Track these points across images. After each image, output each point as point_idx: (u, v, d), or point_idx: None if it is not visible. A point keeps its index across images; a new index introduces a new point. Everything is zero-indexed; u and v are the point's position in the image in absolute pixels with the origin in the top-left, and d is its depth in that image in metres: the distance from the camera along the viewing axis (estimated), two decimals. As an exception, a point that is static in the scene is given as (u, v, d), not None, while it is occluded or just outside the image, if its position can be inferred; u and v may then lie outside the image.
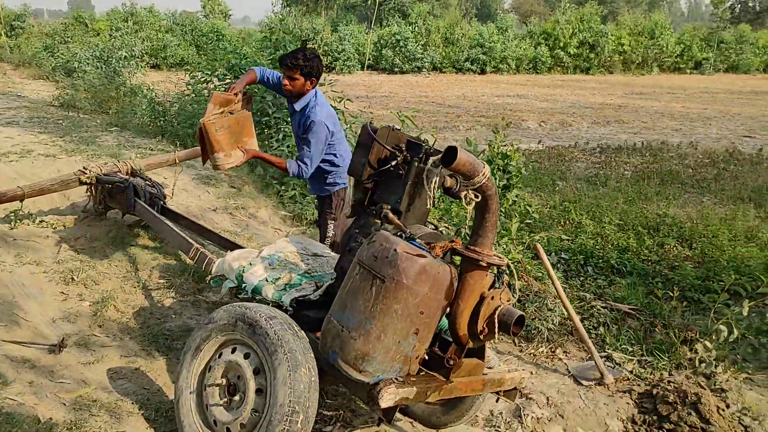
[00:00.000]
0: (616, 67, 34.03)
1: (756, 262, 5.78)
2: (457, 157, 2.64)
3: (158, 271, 4.58)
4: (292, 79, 4.07)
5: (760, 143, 13.04)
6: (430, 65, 30.44)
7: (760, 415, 3.87)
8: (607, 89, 25.57)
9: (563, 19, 33.27)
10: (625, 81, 30.19)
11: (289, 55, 4.09)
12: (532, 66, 32.01)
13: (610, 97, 22.51)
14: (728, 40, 37.49)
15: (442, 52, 31.02)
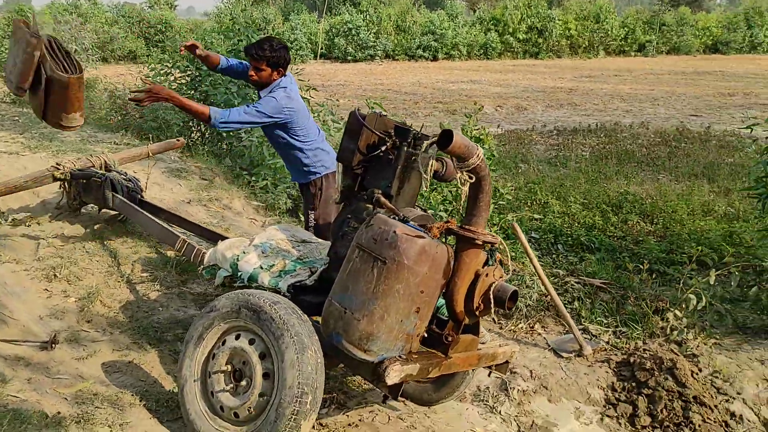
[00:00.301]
0: (564, 52, 34.67)
1: (715, 234, 6.07)
2: (453, 139, 2.74)
3: (140, 264, 4.56)
4: (259, 70, 4.09)
5: (706, 122, 13.55)
6: (383, 53, 30.48)
7: (730, 377, 4.10)
8: (557, 73, 26.06)
9: (511, 5, 33.70)
10: (574, 65, 30.79)
11: (255, 45, 4.10)
12: (483, 52, 32.37)
13: (560, 80, 22.97)
14: (669, 23, 38.55)
15: (394, 40, 31.09)
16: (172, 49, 9.32)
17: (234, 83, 7.62)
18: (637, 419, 3.93)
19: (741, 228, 6.18)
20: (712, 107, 16.47)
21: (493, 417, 3.90)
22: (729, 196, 7.51)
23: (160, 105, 7.99)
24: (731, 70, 28.36)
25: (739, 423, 3.87)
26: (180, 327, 4.03)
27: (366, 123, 3.34)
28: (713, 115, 14.98)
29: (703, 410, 3.87)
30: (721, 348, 4.39)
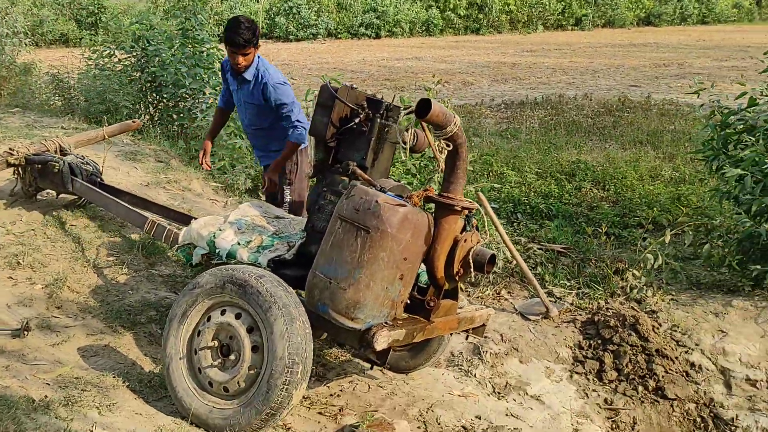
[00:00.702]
0: (504, 27, 34.95)
1: (664, 197, 6.33)
2: (432, 108, 2.79)
3: (105, 249, 4.47)
4: (246, 56, 4.10)
5: (645, 91, 13.97)
6: (325, 32, 30.10)
7: (688, 330, 4.33)
8: (499, 48, 26.33)
9: (451, -20, 33.72)
10: (515, 40, 31.14)
11: (236, 33, 4.05)
12: (425, 29, 32.34)
13: (503, 55, 23.23)
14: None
15: (336, 18, 30.73)
16: (115, 30, 9.05)
17: (183, 63, 7.46)
18: (604, 374, 4.11)
19: (687, 190, 6.46)
20: (650, 77, 16.97)
21: (468, 380, 4.02)
22: (673, 161, 7.82)
23: (106, 86, 7.79)
24: (664, 41, 29.17)
25: (698, 372, 4.10)
26: (152, 309, 4.00)
27: (338, 96, 3.36)
28: (651, 85, 15.44)
29: (665, 362, 4.08)
30: (677, 303, 4.61)
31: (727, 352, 4.17)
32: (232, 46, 4.06)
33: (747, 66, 18.95)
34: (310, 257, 3.30)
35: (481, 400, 3.82)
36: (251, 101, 4.26)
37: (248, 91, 4.22)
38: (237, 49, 4.04)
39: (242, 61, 4.09)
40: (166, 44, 7.56)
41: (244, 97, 4.29)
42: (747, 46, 26.11)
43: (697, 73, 17.72)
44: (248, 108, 4.32)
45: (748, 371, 4.05)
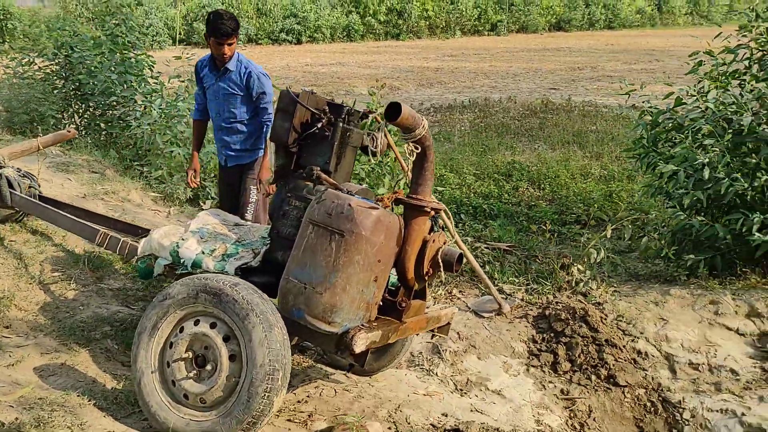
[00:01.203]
0: (424, 32, 35.52)
1: (597, 194, 6.62)
2: (402, 111, 2.84)
3: (49, 264, 4.29)
4: (231, 45, 4.16)
5: (565, 94, 14.53)
6: (245, 37, 29.72)
7: (632, 320, 4.55)
8: (420, 53, 26.73)
9: (370, -14, 33.99)
10: (434, 45, 31.70)
11: (219, 23, 4.09)
12: (346, 34, 32.46)
13: (425, 60, 23.59)
14: (517, 2, 40.46)
15: (256, 24, 30.41)
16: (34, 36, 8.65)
17: (113, 71, 7.23)
18: (558, 366, 4.27)
19: (618, 187, 6.78)
20: (567, 80, 17.65)
21: (431, 379, 4.08)
22: (601, 159, 8.18)
23: (29, 95, 7.45)
24: (575, 46, 30.39)
25: (645, 359, 4.32)
26: (106, 324, 3.87)
27: (300, 101, 3.36)
28: (569, 88, 16.07)
29: (614, 351, 4.28)
30: (620, 295, 4.84)
31: (670, 338, 4.41)
32: (218, 36, 4.09)
33: (655, 68, 20.05)
34: (276, 263, 3.30)
35: (446, 397, 3.89)
36: (232, 91, 4.27)
37: (229, 81, 4.23)
38: (224, 38, 4.10)
39: (227, 50, 4.16)
40: (94, 51, 7.31)
41: (224, 88, 4.27)
42: (652, 49, 27.62)
43: (609, 76, 18.60)
44: (227, 100, 4.29)
45: (689, 356, 4.30)
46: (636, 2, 46.82)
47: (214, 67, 4.34)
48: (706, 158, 4.62)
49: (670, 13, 48.49)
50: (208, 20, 4.17)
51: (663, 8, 48.32)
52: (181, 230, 3.50)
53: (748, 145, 4.75)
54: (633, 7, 46.27)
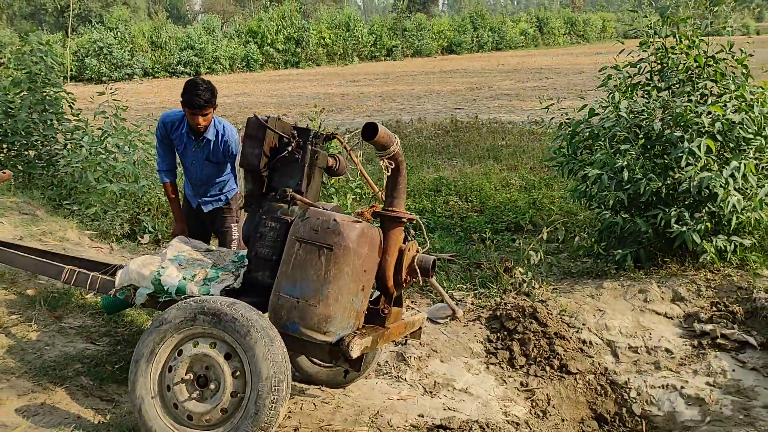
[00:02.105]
0: (322, 60, 36.07)
1: (521, 202, 7.09)
2: (378, 130, 3.07)
3: (4, 307, 4.18)
4: (206, 116, 4.09)
5: (470, 113, 15.25)
6: (141, 71, 29.14)
7: (573, 313, 4.95)
8: (323, 80, 27.13)
9: (266, 17, 34.20)
10: (334, 71, 32.23)
11: (193, 95, 4.00)
12: (245, 64, 32.46)
13: (328, 87, 23.98)
14: (410, 28, 41.94)
15: (152, 57, 29.89)
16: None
17: (32, 109, 7.05)
18: (515, 361, 4.59)
19: (539, 195, 7.28)
20: (468, 100, 18.48)
21: (400, 384, 4.28)
22: (517, 171, 8.72)
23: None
24: (469, 67, 31.78)
25: (590, 347, 4.71)
26: (76, 362, 3.83)
27: (269, 126, 3.52)
28: (472, 107, 16.85)
29: (563, 342, 4.64)
30: (559, 291, 5.24)
31: (609, 327, 4.84)
32: (191, 108, 4.00)
33: (546, 85, 21.32)
34: (257, 283, 3.43)
35: (419, 400, 4.10)
36: (212, 159, 4.25)
37: (209, 150, 4.21)
38: (197, 110, 4.01)
39: (202, 121, 4.08)
40: (11, 90, 7.09)
41: (202, 156, 4.24)
42: (540, 68, 29.28)
43: (506, 94, 19.62)
44: (206, 166, 4.27)
45: (628, 340, 4.73)
46: (519, 25, 49.52)
47: (191, 133, 4.25)
48: (624, 161, 5.12)
49: (551, 34, 51.57)
50: (184, 89, 4.07)
51: (544, 30, 51.32)
52: (157, 259, 3.55)
53: (658, 147, 5.31)
54: (517, 29, 48.91)
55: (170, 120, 4.32)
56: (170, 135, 4.34)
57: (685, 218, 4.95)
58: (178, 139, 4.32)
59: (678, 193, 5.07)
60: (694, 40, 5.56)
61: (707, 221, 4.96)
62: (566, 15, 53.14)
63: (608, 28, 56.18)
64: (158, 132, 4.37)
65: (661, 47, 5.71)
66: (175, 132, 4.31)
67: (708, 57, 5.48)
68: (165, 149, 4.39)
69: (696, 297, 4.98)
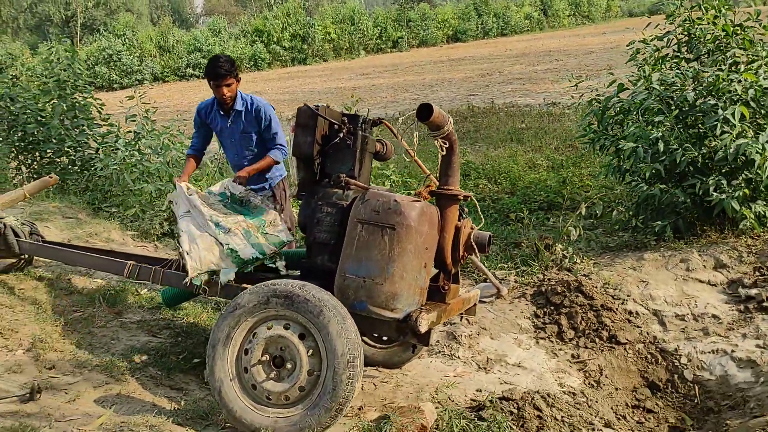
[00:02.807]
0: (329, 55, 36.08)
1: (552, 182, 7.14)
2: (433, 111, 3.15)
3: (67, 306, 4.30)
4: (229, 86, 4.24)
5: (485, 98, 15.26)
6: (151, 76, 29.32)
7: (617, 285, 5.01)
8: (332, 75, 27.16)
9: (271, 15, 34.27)
10: (342, 66, 32.23)
11: (215, 66, 4.21)
12: (253, 63, 32.56)
13: (339, 81, 24.02)
14: (415, 19, 41.78)
15: (161, 62, 30.06)
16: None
17: (65, 117, 7.19)
18: (563, 334, 4.66)
19: (568, 173, 7.33)
20: (481, 86, 18.47)
21: (454, 362, 4.37)
22: (542, 152, 8.76)
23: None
24: (477, 54, 31.66)
25: (637, 317, 4.78)
26: (142, 354, 3.95)
27: (321, 114, 3.60)
28: (486, 92, 16.85)
29: (610, 314, 4.70)
30: (600, 266, 5.30)
31: (653, 297, 4.89)
32: (215, 79, 4.19)
33: (557, 68, 21.24)
34: (317, 267, 3.51)
35: (475, 376, 4.19)
36: (249, 130, 4.36)
37: (242, 121, 4.33)
38: (220, 80, 4.18)
39: (227, 92, 4.23)
40: (42, 99, 7.22)
41: (238, 129, 4.36)
42: (548, 50, 29.13)
43: (519, 78, 19.59)
44: (243, 140, 4.39)
45: (674, 309, 4.79)
46: (523, 9, 49.22)
47: (223, 111, 4.41)
48: (659, 133, 5.16)
49: (556, 16, 51.22)
50: (206, 64, 4.30)
51: (548, 12, 51.00)
52: (208, 238, 3.59)
53: (691, 117, 5.34)
54: (521, 13, 48.61)
55: (203, 106, 4.53)
56: (206, 120, 4.53)
57: (723, 186, 4.99)
58: (213, 122, 4.50)
59: (714, 161, 5.11)
60: (720, 9, 5.59)
61: (745, 188, 5.00)
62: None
63: (613, 8, 55.76)
64: (195, 122, 4.59)
65: (687, 18, 5.73)
66: (209, 116, 4.50)
67: (735, 26, 5.50)
68: (199, 136, 4.58)
69: (738, 263, 5.02)
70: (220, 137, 4.55)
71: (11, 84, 7.65)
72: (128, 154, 6.87)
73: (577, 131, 9.03)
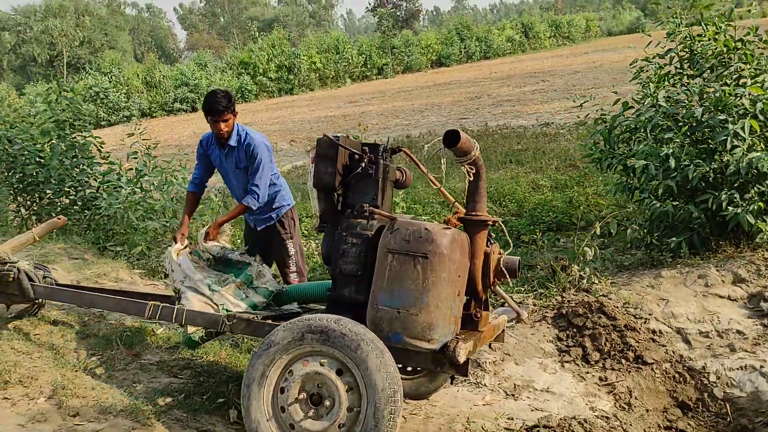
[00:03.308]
0: (315, 84, 36.29)
1: (558, 202, 7.13)
2: (461, 137, 3.12)
3: (83, 350, 4.20)
4: (226, 122, 4.19)
5: (477, 121, 15.35)
6: (139, 112, 29.29)
7: (637, 304, 4.97)
8: (320, 104, 27.27)
9: (256, 47, 34.47)
10: (329, 94, 32.39)
11: (212, 102, 4.17)
12: (240, 96, 32.62)
13: (327, 109, 24.11)
14: (399, 45, 42.23)
15: (148, 97, 30.07)
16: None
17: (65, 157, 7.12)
18: (588, 356, 4.60)
19: (574, 193, 7.33)
20: (471, 110, 18.60)
21: (481, 390, 4.29)
22: (544, 172, 8.77)
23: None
24: (462, 78, 31.92)
25: (661, 336, 4.73)
26: (165, 396, 3.84)
27: (341, 144, 3.57)
28: (477, 115, 16.96)
29: (633, 334, 4.65)
30: (618, 285, 5.26)
31: (675, 314, 4.86)
32: (212, 114, 4.14)
33: (545, 88, 21.46)
34: (343, 300, 3.45)
35: (504, 403, 4.11)
36: (241, 166, 4.31)
37: (234, 157, 4.28)
38: (217, 116, 4.13)
39: (224, 127, 4.18)
40: (41, 140, 7.16)
41: (233, 164, 4.32)
42: (533, 72, 29.43)
43: (508, 100, 19.74)
44: (238, 175, 4.35)
45: (697, 326, 4.75)
46: (505, 32, 49.88)
47: (220, 145, 4.37)
48: (669, 149, 5.17)
49: (537, 38, 51.91)
50: (204, 100, 4.27)
51: (530, 34, 51.69)
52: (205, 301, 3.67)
53: (699, 133, 5.36)
54: (503, 36, 49.26)
55: (205, 137, 4.50)
56: (207, 152, 4.50)
57: (736, 200, 4.99)
58: (213, 154, 4.47)
59: (726, 176, 5.12)
60: (720, 25, 5.65)
61: (759, 201, 5.00)
62: (550, 18, 53.59)
63: (592, 28, 56.66)
64: (197, 152, 4.56)
65: (688, 36, 5.79)
66: (209, 148, 4.48)
67: (737, 40, 5.56)
68: (201, 168, 4.54)
69: (757, 277, 5.01)
70: (219, 170, 4.52)
71: (9, 126, 7.59)
72: (131, 191, 6.81)
73: (575, 150, 9.09)
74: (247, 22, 64.42)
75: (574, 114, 14.78)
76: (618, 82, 19.76)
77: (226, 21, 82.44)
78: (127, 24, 61.04)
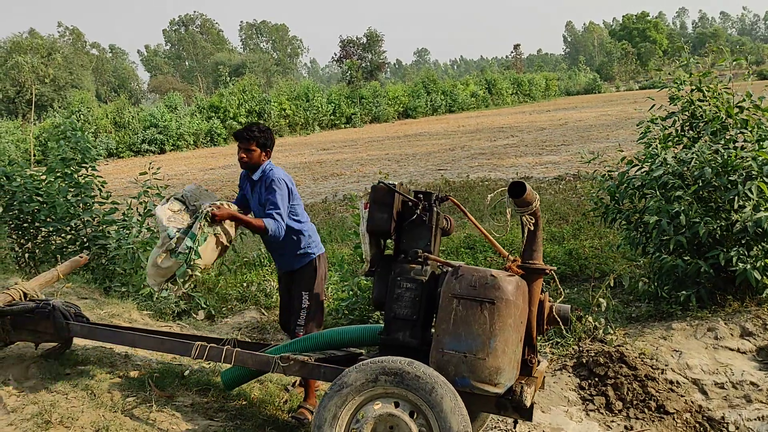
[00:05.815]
0: (284, 131, 36.52)
1: (559, 253, 7.33)
2: (526, 189, 3.27)
3: (117, 391, 4.11)
4: (249, 151, 4.24)
5: (455, 173, 15.66)
6: (106, 152, 28.93)
7: (652, 354, 5.13)
8: (291, 150, 27.43)
9: (227, 92, 34.63)
10: (298, 141, 32.63)
11: (244, 128, 4.27)
12: (209, 139, 32.61)
13: (300, 156, 24.28)
14: (367, 96, 43.00)
15: (116, 137, 29.77)
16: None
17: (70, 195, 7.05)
18: (612, 405, 4.71)
19: (573, 245, 7.55)
20: (448, 161, 18.97)
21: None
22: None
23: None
24: (431, 130, 32.63)
25: (678, 386, 4.88)
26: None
27: (398, 191, 3.68)
28: (454, 167, 17.30)
29: (654, 384, 4.80)
30: (631, 336, 5.42)
31: (690, 365, 5.03)
32: (237, 140, 4.27)
33: (516, 143, 22.08)
34: (398, 344, 3.51)
35: (538, 450, 4.18)
36: (262, 201, 4.28)
37: (258, 191, 4.30)
38: (241, 143, 4.23)
39: (244, 155, 4.23)
40: (48, 176, 7.08)
41: (256, 200, 4.32)
42: (501, 127, 30.30)
43: (482, 153, 20.21)
44: (260, 211, 4.31)
45: (712, 377, 4.93)
46: (469, 87, 51.32)
47: (249, 179, 4.41)
48: (681, 207, 5.43)
49: (499, 94, 53.54)
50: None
51: (493, 90, 53.27)
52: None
53: (705, 192, 5.64)
54: (467, 91, 50.65)
55: (243, 172, 4.52)
56: (241, 185, 4.56)
57: (744, 257, 5.25)
58: (244, 186, 4.52)
59: (732, 233, 5.39)
60: (719, 91, 6.02)
61: (764, 258, 5.27)
62: (512, 76, 55.38)
63: (552, 87, 58.75)
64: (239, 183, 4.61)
65: (689, 101, 6.14)
66: (243, 182, 4.53)
67: (735, 106, 5.92)
68: (239, 197, 4.56)
69: (763, 331, 5.23)
70: (250, 204, 4.54)
71: (6, 163, 7.49)
72: (138, 230, 6.76)
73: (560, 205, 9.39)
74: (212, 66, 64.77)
75: (551, 168, 15.33)
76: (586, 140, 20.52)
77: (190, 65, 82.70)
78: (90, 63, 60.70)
